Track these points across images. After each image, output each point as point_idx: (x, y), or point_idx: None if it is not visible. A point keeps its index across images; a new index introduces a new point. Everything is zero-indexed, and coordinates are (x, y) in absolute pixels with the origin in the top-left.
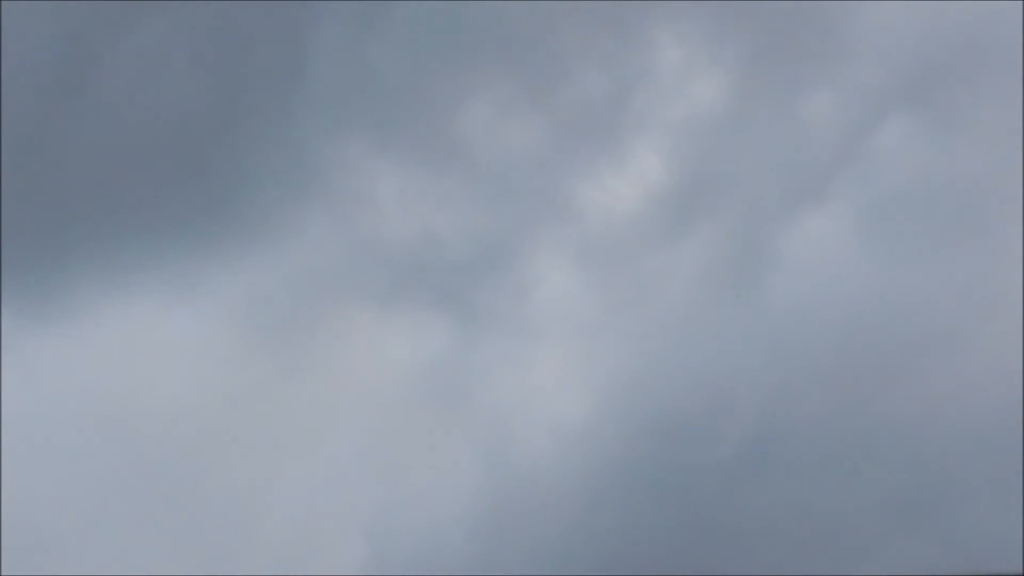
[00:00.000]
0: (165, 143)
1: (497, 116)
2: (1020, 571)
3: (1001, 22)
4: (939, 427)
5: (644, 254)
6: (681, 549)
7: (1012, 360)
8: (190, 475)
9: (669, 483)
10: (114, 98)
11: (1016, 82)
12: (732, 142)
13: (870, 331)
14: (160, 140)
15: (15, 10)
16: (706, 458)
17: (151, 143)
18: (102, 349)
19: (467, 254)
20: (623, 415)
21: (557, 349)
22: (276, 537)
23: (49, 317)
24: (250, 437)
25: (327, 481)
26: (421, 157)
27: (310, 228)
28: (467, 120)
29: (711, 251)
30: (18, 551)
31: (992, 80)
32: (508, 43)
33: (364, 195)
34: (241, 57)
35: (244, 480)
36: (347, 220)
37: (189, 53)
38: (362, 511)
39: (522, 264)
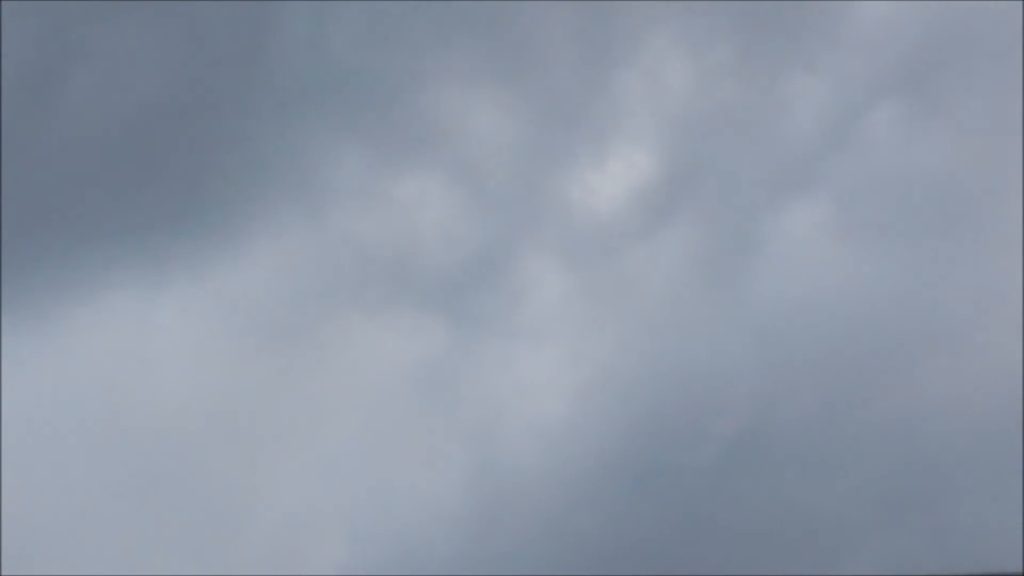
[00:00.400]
0: (140, 143)
1: (478, 109)
2: (1020, 571)
3: (991, 15)
4: (937, 424)
5: (630, 251)
6: (667, 548)
7: (1010, 354)
8: (180, 477)
9: (655, 482)
10: (84, 99)
11: (1014, 74)
12: (718, 134)
13: (861, 327)
14: (135, 140)
15: None
16: (695, 457)
17: (126, 143)
18: (79, 350)
19: (451, 254)
20: (609, 415)
21: (543, 348)
22: (265, 536)
23: (18, 316)
24: (238, 438)
25: (312, 481)
26: (402, 154)
27: (291, 228)
28: (445, 113)
29: (698, 248)
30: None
31: (987, 72)
32: (489, 36)
33: (345, 193)
34: (226, 56)
35: (233, 480)
36: (326, 219)
37: (156, 53)
38: (347, 511)
39: (509, 264)
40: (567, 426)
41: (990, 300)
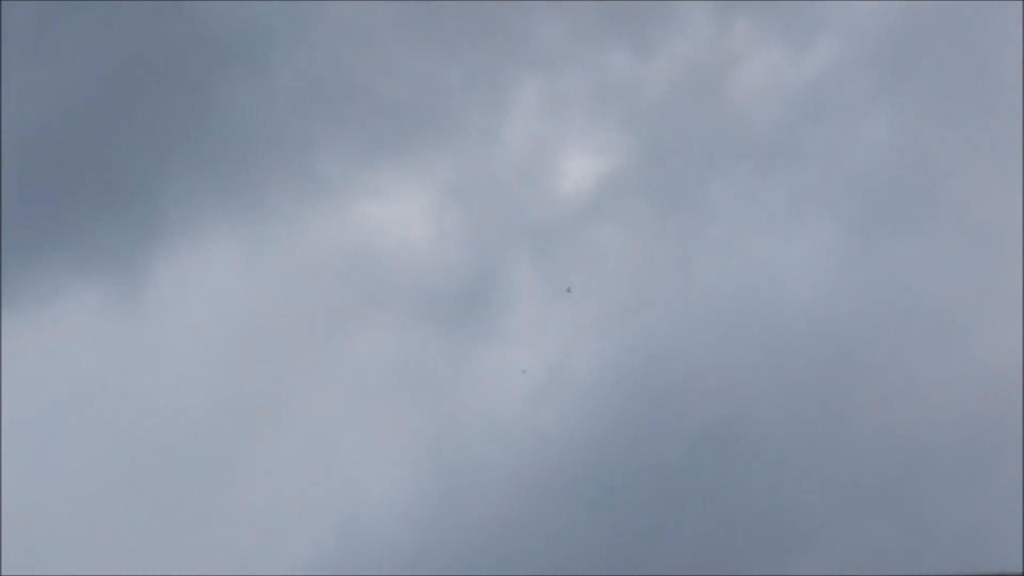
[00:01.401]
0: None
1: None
2: (1020, 571)
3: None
4: (935, 422)
5: (593, 248)
6: (636, 546)
7: (1008, 349)
8: (160, 479)
9: (621, 479)
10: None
11: (1008, 63)
12: (686, 121)
13: (842, 317)
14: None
15: None
16: (659, 454)
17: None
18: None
19: (421, 252)
20: (574, 414)
21: (506, 347)
22: (244, 533)
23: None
24: (215, 440)
25: (281, 481)
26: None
27: (248, 226)
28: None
29: (662, 240)
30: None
31: (980, 60)
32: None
33: (299, 185)
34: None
35: (210, 481)
36: (279, 215)
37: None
38: (316, 510)
39: (479, 264)
40: (531, 425)
41: (978, 288)
